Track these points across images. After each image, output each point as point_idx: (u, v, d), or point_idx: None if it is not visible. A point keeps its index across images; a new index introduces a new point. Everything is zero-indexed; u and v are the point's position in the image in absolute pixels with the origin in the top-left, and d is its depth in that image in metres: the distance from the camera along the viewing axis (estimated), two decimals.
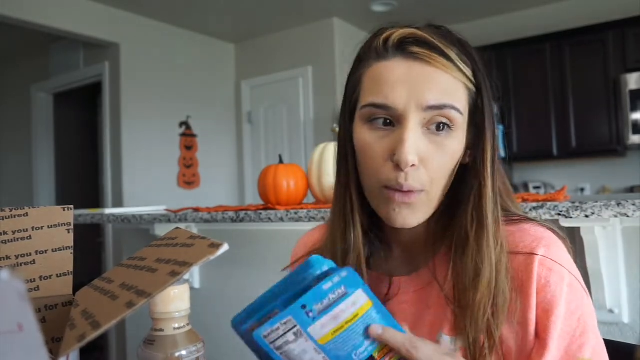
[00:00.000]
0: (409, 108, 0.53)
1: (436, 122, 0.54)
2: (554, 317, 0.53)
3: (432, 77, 0.54)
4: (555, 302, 0.54)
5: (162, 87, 3.81)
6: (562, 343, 0.53)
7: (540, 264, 0.55)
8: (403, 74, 0.54)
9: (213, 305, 1.83)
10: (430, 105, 0.53)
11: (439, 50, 0.54)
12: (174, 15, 3.72)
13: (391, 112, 0.55)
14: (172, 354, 0.45)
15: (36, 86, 4.13)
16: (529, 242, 0.57)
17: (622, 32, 3.19)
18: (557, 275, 0.55)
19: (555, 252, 0.56)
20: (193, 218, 1.59)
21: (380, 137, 0.56)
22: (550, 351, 0.53)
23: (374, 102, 0.55)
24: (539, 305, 0.54)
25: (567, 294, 0.54)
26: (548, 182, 3.74)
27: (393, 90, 0.54)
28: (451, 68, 0.54)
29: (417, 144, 0.53)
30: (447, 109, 0.54)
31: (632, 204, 0.95)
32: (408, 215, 0.56)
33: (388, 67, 0.55)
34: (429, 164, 0.54)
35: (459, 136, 0.56)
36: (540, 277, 0.55)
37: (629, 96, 3.13)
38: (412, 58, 0.54)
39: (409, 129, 0.53)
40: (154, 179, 3.72)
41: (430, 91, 0.53)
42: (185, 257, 0.39)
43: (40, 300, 0.50)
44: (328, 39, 3.90)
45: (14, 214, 0.52)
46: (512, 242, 0.57)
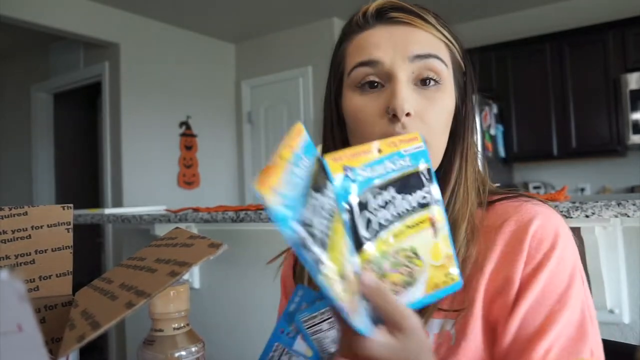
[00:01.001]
0: (395, 62, 0.55)
1: (424, 77, 0.56)
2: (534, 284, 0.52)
3: (414, 34, 0.56)
4: (539, 270, 0.53)
5: (162, 87, 3.81)
6: (534, 315, 0.52)
7: (533, 234, 0.54)
8: (386, 36, 0.57)
9: (213, 305, 1.83)
10: (415, 54, 0.55)
11: (415, 13, 0.57)
12: (174, 15, 3.72)
13: (378, 69, 0.56)
14: (172, 354, 0.45)
15: (36, 86, 4.13)
16: (525, 215, 0.56)
17: (622, 32, 3.19)
18: (548, 245, 0.54)
19: (550, 225, 0.55)
20: (193, 218, 1.59)
21: (371, 99, 0.57)
22: (519, 316, 0.52)
23: (361, 60, 0.57)
24: (524, 274, 0.53)
25: (555, 266, 0.53)
26: (548, 182, 3.73)
27: (378, 48, 0.56)
28: (431, 27, 0.57)
29: (410, 96, 0.55)
30: (432, 59, 0.56)
31: (632, 204, 0.95)
32: None
33: (370, 34, 0.58)
34: (424, 117, 0.56)
35: (448, 90, 0.58)
36: (531, 247, 0.54)
37: (629, 96, 3.13)
38: (392, 22, 0.57)
39: (400, 82, 0.55)
40: (154, 179, 3.72)
41: (414, 44, 0.56)
42: (184, 257, 0.39)
43: (40, 300, 0.50)
44: (328, 39, 3.90)
45: (13, 213, 0.52)
46: (507, 216, 0.57)
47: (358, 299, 0.39)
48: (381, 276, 0.42)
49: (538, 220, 0.55)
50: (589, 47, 3.31)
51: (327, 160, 0.41)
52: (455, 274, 0.45)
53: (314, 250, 0.34)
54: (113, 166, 3.60)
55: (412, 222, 0.44)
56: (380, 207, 0.43)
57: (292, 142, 0.37)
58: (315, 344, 0.48)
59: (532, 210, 0.56)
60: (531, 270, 0.53)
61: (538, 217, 0.55)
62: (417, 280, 0.44)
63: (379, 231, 0.43)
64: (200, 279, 1.89)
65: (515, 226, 0.56)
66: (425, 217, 0.45)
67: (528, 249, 0.54)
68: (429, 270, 0.44)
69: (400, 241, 0.44)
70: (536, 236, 0.54)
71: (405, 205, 0.44)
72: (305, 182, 0.37)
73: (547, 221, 0.55)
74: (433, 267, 0.44)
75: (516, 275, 0.53)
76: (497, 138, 3.49)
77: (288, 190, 0.34)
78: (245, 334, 1.74)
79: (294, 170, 0.35)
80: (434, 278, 0.44)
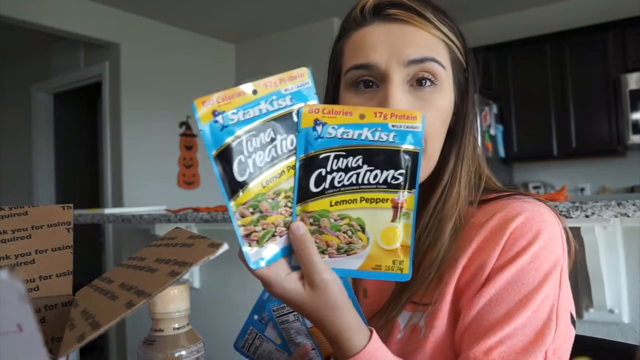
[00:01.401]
0: (390, 65, 0.54)
1: (419, 77, 0.55)
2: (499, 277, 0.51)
3: (411, 35, 0.55)
4: (510, 264, 0.51)
5: (162, 87, 3.81)
6: (492, 305, 0.50)
7: (512, 231, 0.53)
8: (382, 35, 0.55)
9: (213, 305, 1.83)
10: (411, 59, 0.54)
11: (414, 10, 0.55)
12: (174, 15, 3.72)
13: (374, 72, 0.56)
14: (172, 354, 0.45)
15: (36, 86, 4.13)
16: (515, 209, 0.55)
17: (622, 32, 3.19)
18: (525, 242, 0.52)
19: (534, 223, 0.53)
20: (193, 218, 1.59)
21: (366, 99, 0.57)
22: (475, 307, 0.51)
23: (356, 63, 0.57)
24: (500, 255, 0.52)
25: (526, 263, 0.51)
26: (548, 182, 3.73)
27: (374, 51, 0.55)
28: (429, 26, 0.55)
29: (403, 100, 0.54)
30: (428, 62, 0.54)
31: (632, 204, 0.95)
32: None
33: (367, 32, 0.57)
34: None
35: (445, 91, 0.56)
36: (508, 242, 0.53)
37: (629, 96, 3.13)
38: (390, 20, 0.56)
39: (393, 85, 0.54)
40: (154, 179, 3.72)
41: (411, 47, 0.54)
42: (185, 257, 0.39)
43: (40, 300, 0.50)
44: (328, 39, 3.89)
45: (13, 212, 0.52)
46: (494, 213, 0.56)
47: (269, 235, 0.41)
48: (317, 232, 0.43)
49: (522, 217, 0.54)
50: (589, 47, 3.31)
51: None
52: (406, 266, 0.44)
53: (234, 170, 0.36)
54: (113, 166, 3.60)
55: (370, 197, 0.43)
56: (340, 169, 0.43)
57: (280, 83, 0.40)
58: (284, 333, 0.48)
59: (519, 207, 0.55)
60: (502, 262, 0.52)
61: (523, 214, 0.54)
62: (355, 253, 0.44)
63: (329, 190, 0.43)
64: (200, 279, 1.89)
65: (498, 222, 0.55)
66: (388, 197, 0.44)
67: (505, 243, 0.53)
68: (374, 250, 0.44)
69: (348, 209, 0.43)
70: (516, 231, 0.53)
71: (369, 178, 0.43)
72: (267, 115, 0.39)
73: (531, 218, 0.53)
74: (380, 248, 0.44)
75: (488, 265, 0.53)
76: (497, 138, 3.49)
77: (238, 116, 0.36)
78: None
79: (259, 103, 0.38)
80: (378, 260, 0.44)
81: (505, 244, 0.53)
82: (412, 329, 0.56)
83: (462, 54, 0.59)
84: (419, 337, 0.55)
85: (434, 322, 0.54)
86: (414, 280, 0.53)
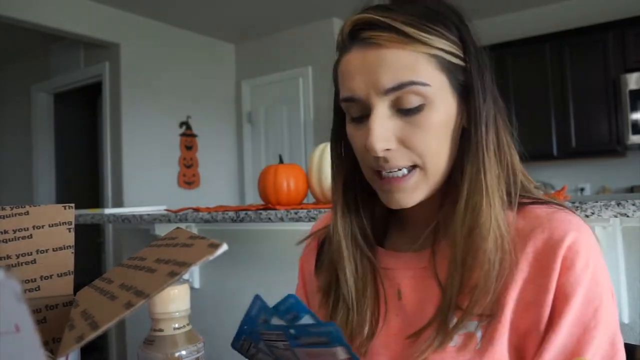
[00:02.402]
0: (370, 96, 0.54)
1: (403, 104, 0.53)
2: (572, 301, 0.51)
3: (385, 60, 0.52)
4: (577, 287, 0.51)
5: (162, 87, 3.81)
6: (574, 331, 0.51)
7: (568, 247, 0.52)
8: (359, 63, 0.54)
9: (213, 305, 1.83)
10: (388, 88, 0.53)
11: (389, 28, 0.52)
12: (174, 15, 3.72)
13: (359, 103, 0.55)
14: (172, 354, 0.45)
15: (36, 86, 4.13)
16: (559, 225, 0.54)
17: (622, 32, 3.19)
18: (583, 260, 0.52)
19: (586, 239, 0.54)
20: (193, 218, 1.59)
21: (358, 128, 0.57)
22: (559, 335, 0.51)
23: (343, 96, 0.57)
24: (558, 288, 0.52)
25: (590, 282, 0.52)
26: (548, 182, 3.73)
27: (354, 82, 0.55)
28: (406, 42, 0.52)
29: (387, 129, 0.54)
30: (407, 87, 0.52)
31: (632, 203, 0.95)
32: (402, 198, 0.57)
33: (348, 60, 0.56)
34: (409, 143, 0.54)
35: (437, 107, 0.54)
36: (566, 260, 0.52)
37: (628, 96, 3.13)
38: (366, 44, 0.54)
39: (375, 117, 0.53)
40: (154, 179, 3.72)
41: (385, 74, 0.52)
42: (184, 257, 0.39)
43: (41, 300, 0.50)
44: (328, 39, 3.90)
45: (14, 212, 0.52)
46: (539, 223, 0.55)
47: None
48: None
49: (573, 232, 0.53)
50: (589, 47, 3.31)
51: None
52: None
53: None
54: (113, 166, 3.60)
55: None
56: None
57: None
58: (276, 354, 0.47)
59: (566, 220, 0.55)
60: (567, 286, 0.52)
61: (572, 229, 0.54)
62: None
63: None
64: (200, 279, 1.90)
65: (548, 234, 0.54)
66: None
67: (562, 262, 0.52)
68: None
69: None
70: (571, 250, 0.52)
71: None
72: None
73: (581, 234, 0.54)
74: None
75: (549, 288, 0.52)
76: None
77: None
78: None
79: None
80: None
81: (563, 263, 0.52)
82: (466, 336, 0.54)
83: (458, 55, 0.55)
84: (475, 347, 0.54)
85: (493, 334, 0.53)
86: (474, 297, 0.53)
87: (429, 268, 0.60)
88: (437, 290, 0.58)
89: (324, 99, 3.92)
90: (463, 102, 0.57)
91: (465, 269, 0.54)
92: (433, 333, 0.55)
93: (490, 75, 0.58)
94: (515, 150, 0.62)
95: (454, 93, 0.56)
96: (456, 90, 0.56)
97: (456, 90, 0.56)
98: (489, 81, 0.58)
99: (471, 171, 0.55)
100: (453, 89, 0.56)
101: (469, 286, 0.54)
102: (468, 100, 0.57)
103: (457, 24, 0.57)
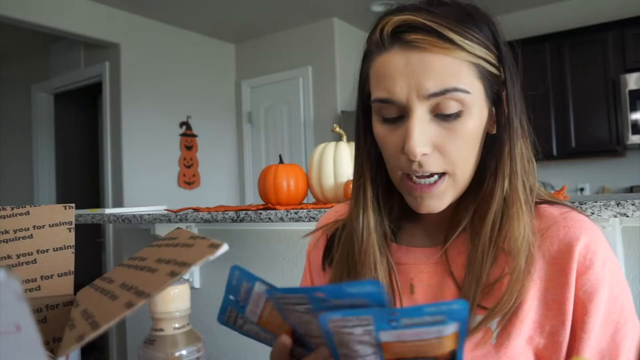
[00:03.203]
0: (411, 99, 0.53)
1: (441, 112, 0.54)
2: (597, 300, 0.53)
3: (430, 64, 0.53)
4: (599, 286, 0.53)
5: (162, 87, 3.82)
6: (606, 330, 0.53)
7: (584, 246, 0.54)
8: (402, 65, 0.54)
9: (213, 305, 1.83)
10: (431, 93, 0.53)
11: (435, 32, 0.52)
12: (174, 15, 3.72)
13: (397, 105, 0.55)
14: (172, 353, 0.45)
15: (36, 86, 4.13)
16: (574, 224, 0.56)
17: (622, 32, 3.19)
18: (600, 259, 0.54)
19: (600, 239, 0.56)
20: (193, 218, 1.59)
21: (391, 130, 0.56)
22: (593, 336, 0.52)
23: (379, 97, 0.56)
24: (580, 288, 0.53)
25: (610, 279, 0.54)
26: (548, 182, 3.73)
27: (394, 84, 0.54)
28: (451, 49, 0.52)
29: (425, 134, 0.53)
30: (449, 93, 0.53)
31: (631, 203, 0.95)
32: (432, 204, 0.57)
33: (387, 60, 0.55)
34: (444, 150, 0.54)
35: (473, 115, 0.55)
36: (585, 259, 0.54)
37: (628, 96, 3.13)
38: (409, 47, 0.53)
39: (415, 121, 0.53)
40: (154, 179, 3.72)
41: (430, 79, 0.52)
42: (185, 257, 0.39)
43: (42, 299, 0.50)
44: (328, 39, 3.90)
45: (15, 212, 0.52)
46: (554, 222, 0.57)
47: None
48: None
49: (588, 231, 0.55)
50: (589, 47, 3.31)
51: None
52: None
53: None
54: (113, 166, 3.60)
55: None
56: None
57: None
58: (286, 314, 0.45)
59: (580, 220, 0.57)
60: (590, 286, 0.53)
61: (586, 228, 0.56)
62: None
63: None
64: (200, 279, 1.90)
65: (563, 234, 0.56)
66: None
67: (578, 260, 0.54)
68: None
69: None
70: (588, 248, 0.54)
71: None
72: None
73: (595, 233, 0.56)
74: None
75: (569, 287, 0.54)
76: None
77: None
78: None
79: None
80: None
81: (579, 261, 0.54)
82: (483, 332, 0.55)
83: (493, 63, 0.56)
84: (491, 341, 0.55)
85: (511, 330, 0.54)
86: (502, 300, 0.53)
87: (443, 263, 0.61)
88: (452, 286, 0.59)
89: (324, 99, 3.92)
90: (494, 109, 0.58)
91: (484, 267, 0.55)
92: None
93: (520, 83, 0.59)
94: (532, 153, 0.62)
95: (487, 101, 0.57)
96: (489, 98, 0.57)
97: (489, 98, 0.57)
98: (519, 90, 0.59)
99: (502, 178, 0.57)
100: (487, 97, 0.57)
101: (487, 283, 0.55)
102: (499, 108, 0.58)
103: (492, 29, 0.57)
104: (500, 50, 0.57)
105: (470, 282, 0.56)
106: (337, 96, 3.86)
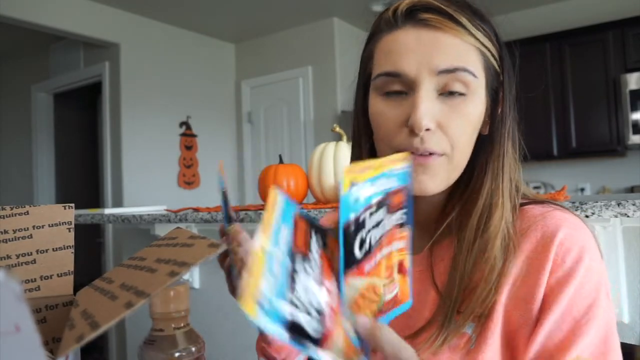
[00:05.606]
0: (420, 74, 0.53)
1: (449, 89, 0.53)
2: (561, 296, 0.51)
3: (442, 42, 0.53)
4: (567, 282, 0.51)
5: (162, 87, 3.82)
6: (563, 325, 0.51)
7: (560, 243, 0.53)
8: (412, 41, 0.54)
9: (213, 305, 1.83)
10: (441, 69, 0.52)
11: (448, 15, 0.53)
12: (174, 15, 3.72)
13: (403, 80, 0.54)
14: (172, 353, 0.45)
15: (36, 86, 4.13)
16: (552, 222, 0.55)
17: (622, 32, 3.19)
18: (574, 256, 0.52)
19: (579, 236, 0.54)
20: (193, 218, 1.59)
21: (394, 105, 0.55)
22: (546, 329, 0.51)
23: (385, 70, 0.55)
24: (548, 284, 0.52)
25: (583, 278, 0.51)
26: (548, 182, 3.73)
27: (403, 58, 0.54)
28: (462, 32, 0.53)
29: (431, 108, 0.53)
30: (459, 72, 0.53)
31: (632, 203, 0.95)
32: (425, 180, 0.55)
33: (398, 37, 0.55)
34: (447, 129, 0.54)
35: (476, 100, 0.55)
36: (557, 256, 0.52)
37: (629, 96, 3.13)
38: (421, 25, 0.54)
39: (422, 94, 0.53)
40: (154, 179, 3.72)
41: (441, 55, 0.53)
42: (184, 257, 0.39)
43: (41, 300, 0.50)
44: (328, 39, 3.90)
45: (14, 212, 0.52)
46: (533, 222, 0.56)
47: None
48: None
49: (565, 228, 0.54)
50: (589, 47, 3.31)
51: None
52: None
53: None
54: (113, 166, 3.60)
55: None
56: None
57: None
58: None
59: (560, 218, 0.55)
60: (557, 281, 0.52)
61: (565, 226, 0.54)
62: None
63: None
64: (200, 279, 1.89)
65: (541, 233, 0.54)
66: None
67: (554, 258, 0.52)
68: None
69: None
70: (563, 245, 0.53)
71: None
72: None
73: (574, 231, 0.54)
74: None
75: (540, 284, 0.52)
76: None
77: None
78: (245, 334, 1.74)
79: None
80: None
81: (554, 259, 0.53)
82: (461, 336, 0.55)
83: (496, 59, 0.57)
84: (469, 347, 0.54)
85: (486, 333, 0.53)
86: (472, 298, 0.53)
87: (426, 270, 0.60)
88: (433, 293, 0.58)
89: (324, 99, 3.92)
90: (490, 107, 0.58)
91: (467, 265, 0.55)
92: (433, 334, 0.55)
93: (516, 87, 0.60)
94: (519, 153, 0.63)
95: (487, 95, 0.57)
96: (489, 94, 0.57)
97: (489, 94, 0.57)
98: (514, 94, 0.59)
99: (492, 176, 0.57)
100: (487, 92, 0.57)
101: (468, 288, 0.54)
102: (494, 108, 0.58)
103: (495, 30, 0.58)
104: (501, 50, 0.58)
105: (452, 284, 0.55)
106: (337, 96, 3.86)
